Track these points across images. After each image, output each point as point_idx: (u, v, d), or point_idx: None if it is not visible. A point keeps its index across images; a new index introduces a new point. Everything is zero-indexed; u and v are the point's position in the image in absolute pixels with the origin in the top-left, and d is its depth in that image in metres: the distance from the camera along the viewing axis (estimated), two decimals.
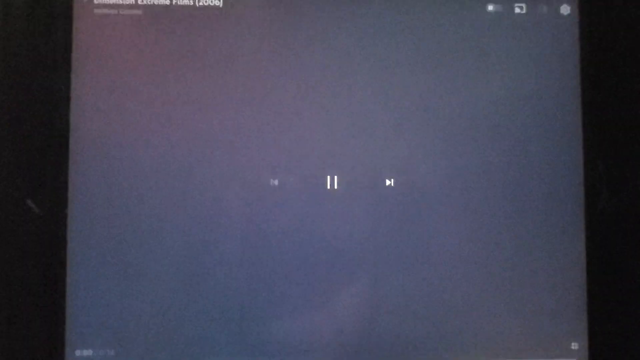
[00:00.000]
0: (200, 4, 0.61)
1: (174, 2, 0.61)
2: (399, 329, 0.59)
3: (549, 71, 0.62)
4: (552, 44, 0.62)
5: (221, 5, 0.61)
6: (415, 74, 0.61)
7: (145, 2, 0.61)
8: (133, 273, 0.59)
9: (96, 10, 0.61)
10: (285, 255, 0.60)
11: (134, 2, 0.61)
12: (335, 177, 0.61)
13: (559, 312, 0.60)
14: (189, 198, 0.61)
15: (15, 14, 0.59)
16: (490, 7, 0.62)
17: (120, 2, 0.61)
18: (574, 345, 0.60)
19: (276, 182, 0.60)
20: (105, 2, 0.61)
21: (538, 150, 0.61)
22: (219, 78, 0.61)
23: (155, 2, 0.61)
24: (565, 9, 0.62)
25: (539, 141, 0.61)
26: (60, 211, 0.58)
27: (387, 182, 0.61)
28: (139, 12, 0.61)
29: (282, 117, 0.61)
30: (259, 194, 0.60)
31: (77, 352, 0.58)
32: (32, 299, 0.57)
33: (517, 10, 0.62)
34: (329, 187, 0.61)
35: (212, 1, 0.61)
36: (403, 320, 0.60)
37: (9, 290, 0.57)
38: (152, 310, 0.59)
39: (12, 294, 0.57)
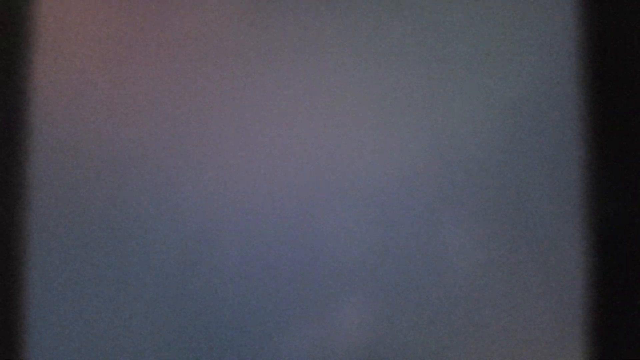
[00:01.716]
0: None
1: None
2: (403, 343, 0.59)
3: (548, 64, 0.61)
4: (551, 30, 0.62)
5: None
6: (410, 68, 0.61)
7: None
8: (103, 291, 0.56)
9: None
10: (283, 268, 0.58)
11: None
12: (335, 180, 0.59)
13: (563, 326, 0.59)
14: (170, 202, 0.58)
15: None
16: None
17: None
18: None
19: (269, 187, 0.58)
20: None
21: (539, 151, 0.60)
22: (203, 67, 0.59)
23: None
24: None
25: (539, 140, 0.60)
26: (20, 215, 0.57)
27: (383, 185, 0.59)
28: None
29: (273, 114, 0.59)
30: (250, 199, 0.58)
31: None
32: None
33: None
34: (327, 190, 0.59)
35: None
36: (406, 335, 0.58)
37: None
38: (129, 336, 0.56)
39: None
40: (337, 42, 0.61)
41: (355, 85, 0.61)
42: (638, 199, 0.59)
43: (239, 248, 0.58)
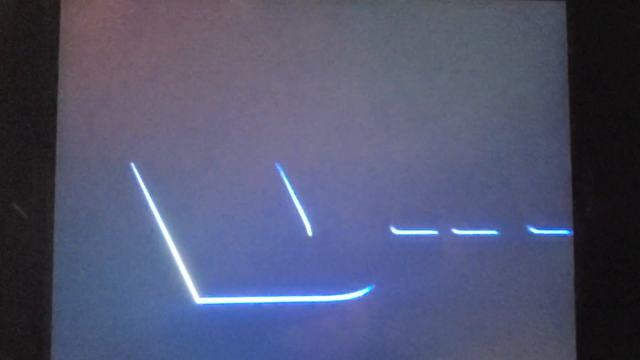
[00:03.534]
0: None
1: None
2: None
3: (536, 72, 0.62)
4: (539, 43, 0.62)
5: None
6: (405, 75, 0.62)
7: None
8: (123, 283, 0.57)
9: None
10: (286, 265, 0.58)
11: None
12: (339, 180, 0.60)
13: (549, 330, 0.61)
14: (187, 203, 0.59)
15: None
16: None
17: None
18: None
19: (274, 188, 0.59)
20: None
21: (525, 156, 0.62)
22: (215, 72, 0.60)
23: None
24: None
25: (526, 146, 0.62)
26: (46, 215, 0.57)
27: (386, 185, 0.61)
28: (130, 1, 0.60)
29: (281, 115, 0.61)
30: (256, 200, 0.59)
31: None
32: (16, 307, 0.56)
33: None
34: (331, 190, 0.60)
35: None
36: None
37: None
38: (145, 327, 0.57)
39: None
40: (348, 58, 0.61)
41: (363, 92, 0.62)
42: (626, 203, 0.61)
43: (243, 252, 0.59)
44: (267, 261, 0.57)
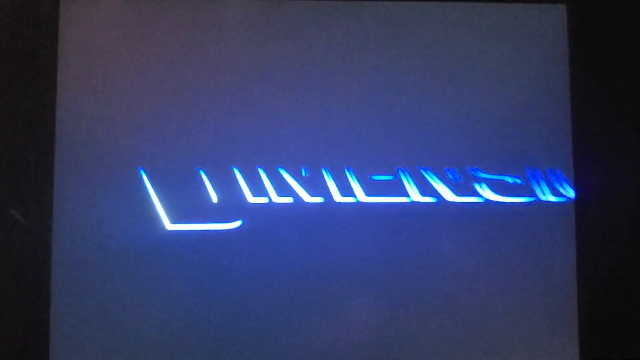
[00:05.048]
0: None
1: None
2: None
3: (537, 74, 0.63)
4: (541, 45, 0.63)
5: None
6: (407, 76, 0.63)
7: None
8: (120, 285, 0.59)
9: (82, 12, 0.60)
10: (288, 273, 0.62)
11: None
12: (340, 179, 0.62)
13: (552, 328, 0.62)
14: (184, 203, 0.61)
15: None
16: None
17: None
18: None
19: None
20: None
21: (528, 158, 0.62)
22: (211, 75, 0.61)
23: None
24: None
25: (529, 148, 0.63)
26: (44, 221, 0.57)
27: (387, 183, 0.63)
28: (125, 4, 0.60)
29: (277, 115, 0.62)
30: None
31: None
32: (15, 310, 0.56)
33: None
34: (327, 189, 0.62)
35: None
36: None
37: None
38: (142, 326, 0.59)
39: None
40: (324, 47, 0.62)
41: (364, 93, 0.62)
42: (628, 206, 0.61)
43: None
44: (206, 212, 0.62)
